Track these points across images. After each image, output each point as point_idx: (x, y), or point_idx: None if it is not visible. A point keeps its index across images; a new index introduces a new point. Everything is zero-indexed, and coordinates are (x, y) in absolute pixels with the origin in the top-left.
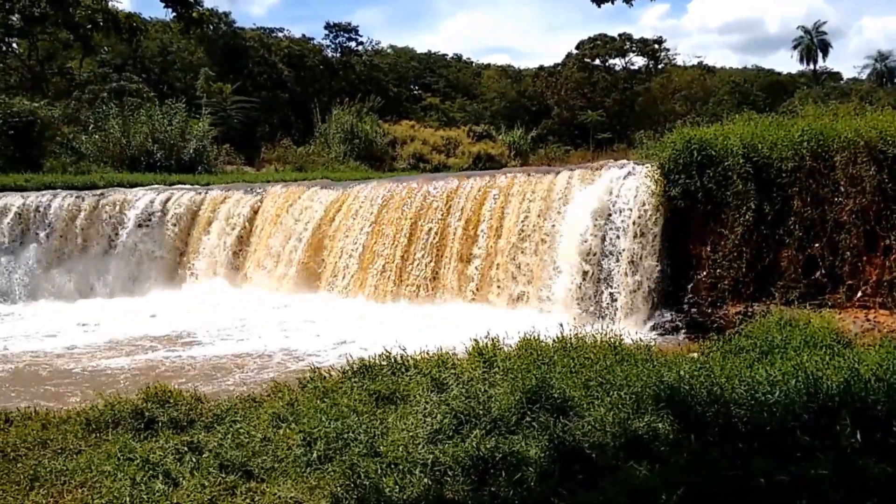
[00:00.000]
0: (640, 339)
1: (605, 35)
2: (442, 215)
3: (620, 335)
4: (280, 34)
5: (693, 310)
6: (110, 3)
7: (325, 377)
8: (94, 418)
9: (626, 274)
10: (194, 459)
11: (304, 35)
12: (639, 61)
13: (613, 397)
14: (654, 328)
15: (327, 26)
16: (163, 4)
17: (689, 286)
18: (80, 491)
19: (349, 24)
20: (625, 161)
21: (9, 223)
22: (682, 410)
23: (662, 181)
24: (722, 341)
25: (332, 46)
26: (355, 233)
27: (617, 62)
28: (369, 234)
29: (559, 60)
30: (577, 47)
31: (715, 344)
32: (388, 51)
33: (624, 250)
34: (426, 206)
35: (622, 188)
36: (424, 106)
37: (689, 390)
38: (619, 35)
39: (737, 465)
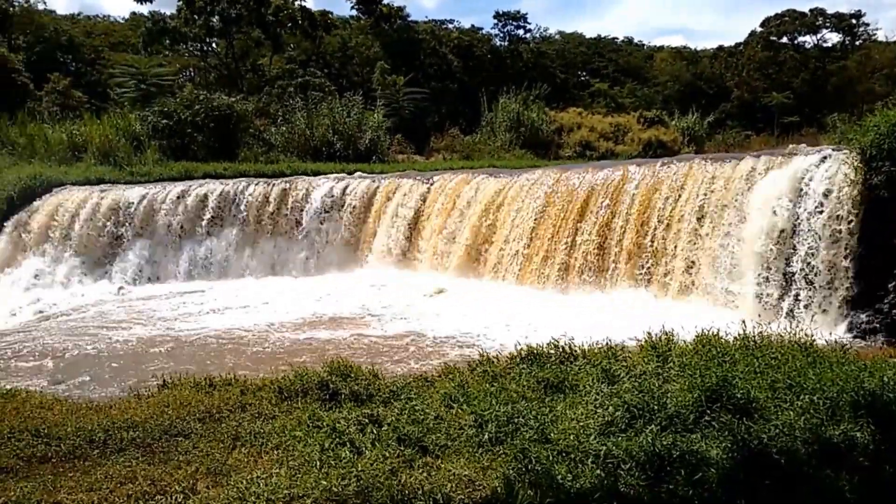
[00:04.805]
0: (835, 341)
1: (795, 10)
2: (610, 203)
3: (812, 335)
4: (450, 25)
5: (895, 311)
6: (301, 3)
7: (493, 361)
8: (286, 387)
9: (817, 270)
10: (375, 431)
11: (472, 25)
12: (833, 38)
13: (804, 401)
14: (848, 329)
15: (496, 15)
16: (355, 2)
17: (891, 285)
18: (275, 452)
19: (518, 11)
20: (814, 147)
21: (210, 208)
22: (885, 420)
23: (862, 168)
24: None
25: (501, 35)
26: (521, 220)
27: (807, 39)
28: (535, 221)
29: (739, 40)
30: (763, 24)
31: None
32: (556, 37)
33: (815, 244)
34: (594, 195)
35: (815, 176)
36: (592, 92)
37: (894, 398)
38: (811, 10)
39: None
